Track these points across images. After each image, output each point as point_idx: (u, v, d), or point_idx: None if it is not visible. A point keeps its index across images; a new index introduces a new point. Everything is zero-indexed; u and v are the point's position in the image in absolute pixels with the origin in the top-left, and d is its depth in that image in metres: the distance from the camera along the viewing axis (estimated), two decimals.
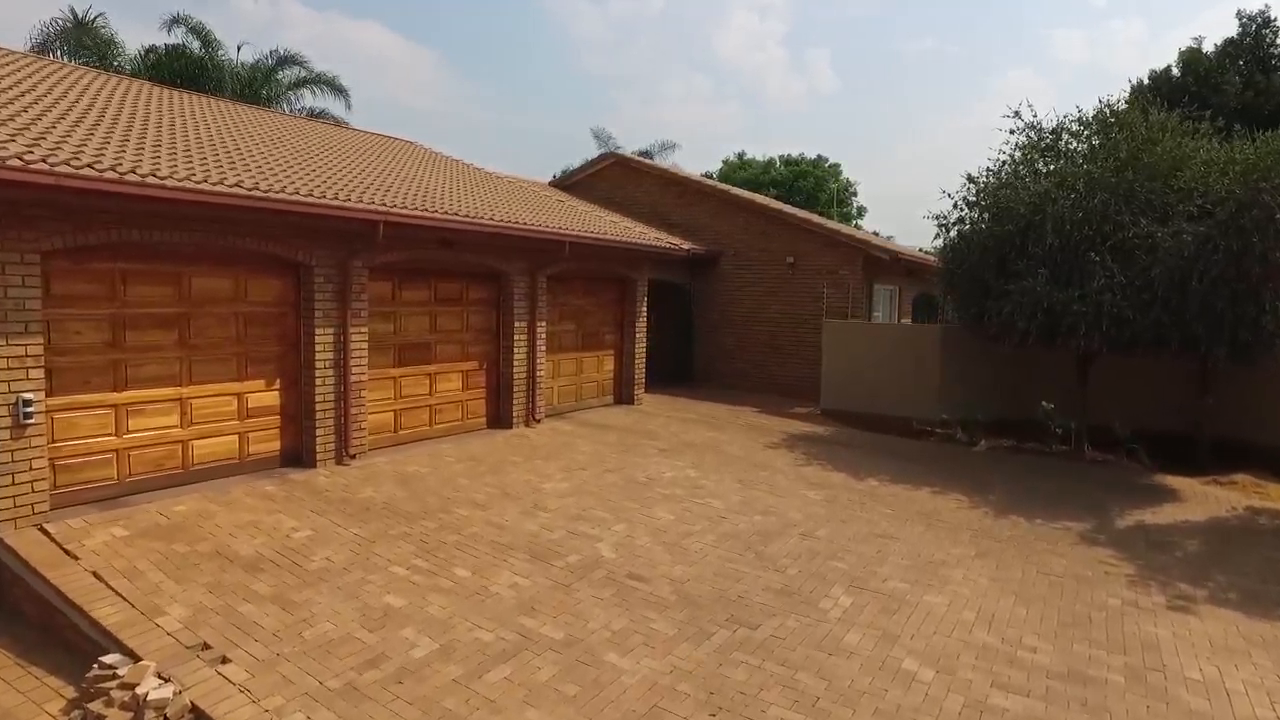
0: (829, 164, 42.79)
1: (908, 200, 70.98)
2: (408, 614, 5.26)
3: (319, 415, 8.14)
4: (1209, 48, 22.64)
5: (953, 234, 12.10)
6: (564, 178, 20.41)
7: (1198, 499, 9.55)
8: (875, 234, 28.91)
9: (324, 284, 8.14)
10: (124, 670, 4.31)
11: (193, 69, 18.64)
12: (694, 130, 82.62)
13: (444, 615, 5.29)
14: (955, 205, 12.15)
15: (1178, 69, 22.74)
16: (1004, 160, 12.11)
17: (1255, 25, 21.97)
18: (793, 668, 4.90)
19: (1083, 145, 11.82)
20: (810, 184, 40.17)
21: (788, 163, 42.44)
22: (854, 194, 43.89)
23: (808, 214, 19.98)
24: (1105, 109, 11.85)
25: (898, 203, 74.88)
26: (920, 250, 19.48)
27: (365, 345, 8.58)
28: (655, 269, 14.55)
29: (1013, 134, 12.16)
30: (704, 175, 27.51)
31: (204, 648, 4.63)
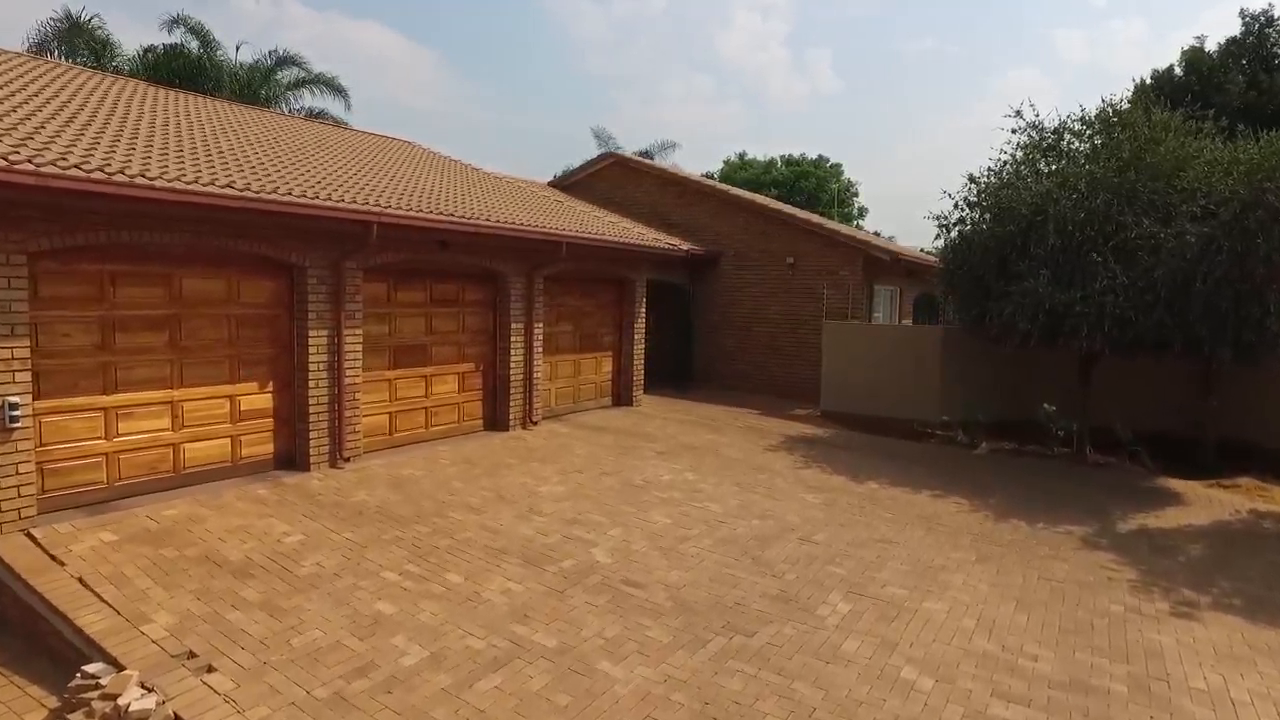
0: (830, 164, 42.72)
1: (908, 200, 70.82)
2: (398, 621, 5.18)
3: (313, 418, 8.07)
4: (1211, 47, 22.51)
5: (953, 234, 12.02)
6: (563, 178, 20.33)
7: (1201, 502, 9.45)
8: (876, 234, 28.82)
9: (317, 285, 8.06)
10: (106, 680, 4.23)
11: (191, 69, 18.59)
12: (695, 130, 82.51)
13: (435, 622, 5.21)
14: (956, 205, 12.07)
15: (1180, 68, 22.60)
16: (1005, 160, 12.03)
17: (1259, 24, 21.81)
18: (789, 676, 4.81)
19: (1085, 145, 11.72)
20: (812, 184, 40.07)
21: (789, 163, 42.34)
22: (855, 194, 43.79)
23: (808, 214, 19.88)
24: (1108, 108, 11.74)
25: (898, 203, 74.75)
26: (921, 251, 19.39)
27: (359, 347, 8.51)
28: (654, 269, 14.47)
29: (1014, 134, 12.07)
30: (705, 175, 27.40)
31: (189, 656, 4.55)
